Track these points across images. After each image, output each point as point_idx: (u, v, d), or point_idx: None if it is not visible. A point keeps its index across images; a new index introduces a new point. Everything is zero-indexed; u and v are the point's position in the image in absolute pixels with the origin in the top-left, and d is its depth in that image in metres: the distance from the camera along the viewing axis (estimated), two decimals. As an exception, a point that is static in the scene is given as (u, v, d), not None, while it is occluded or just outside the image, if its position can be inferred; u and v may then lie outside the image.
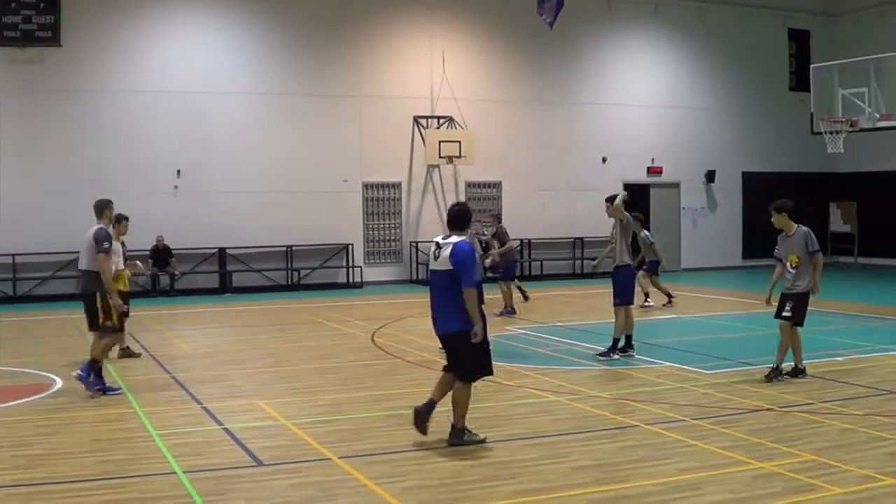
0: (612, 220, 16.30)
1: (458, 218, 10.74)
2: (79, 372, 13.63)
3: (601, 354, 16.21)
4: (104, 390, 13.49)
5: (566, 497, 8.59)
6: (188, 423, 11.73)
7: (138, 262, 17.73)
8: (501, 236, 22.73)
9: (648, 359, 16.04)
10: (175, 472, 9.44)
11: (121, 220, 16.42)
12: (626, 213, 16.23)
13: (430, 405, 10.58)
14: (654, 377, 14.47)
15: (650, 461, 9.66)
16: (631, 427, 11.22)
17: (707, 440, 10.49)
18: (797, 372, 14.11)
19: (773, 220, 14.07)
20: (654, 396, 12.96)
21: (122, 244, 16.63)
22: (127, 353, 16.65)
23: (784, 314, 13.96)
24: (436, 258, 10.54)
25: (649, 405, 12.35)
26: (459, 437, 10.53)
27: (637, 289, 18.73)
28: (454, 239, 10.48)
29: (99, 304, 13.76)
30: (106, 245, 13.71)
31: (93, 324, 13.96)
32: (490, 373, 10.76)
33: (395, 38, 32.07)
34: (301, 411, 12.35)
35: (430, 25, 32.36)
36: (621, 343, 16.27)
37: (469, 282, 10.15)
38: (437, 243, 10.64)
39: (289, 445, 10.58)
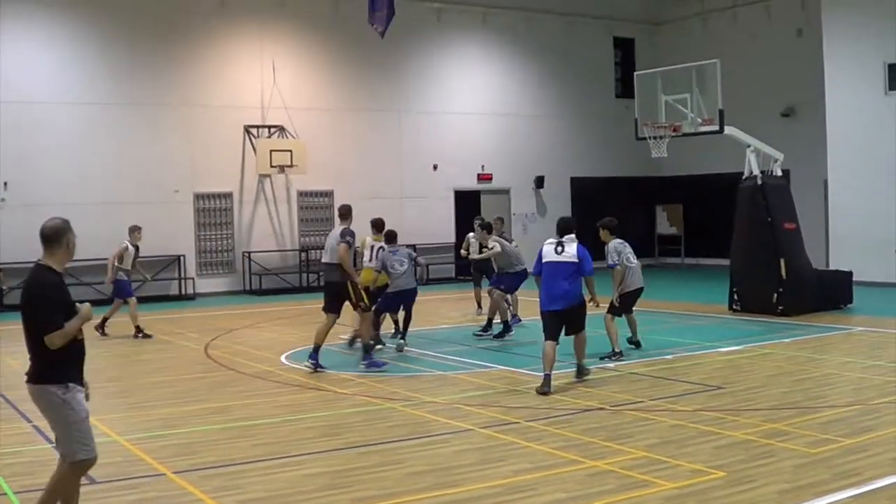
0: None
1: (569, 226, 14.25)
2: (362, 365, 15.82)
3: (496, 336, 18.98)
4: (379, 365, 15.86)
5: (403, 503, 8.59)
6: (18, 441, 11.38)
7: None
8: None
9: (481, 363, 16.17)
10: (6, 494, 9.19)
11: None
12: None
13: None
14: (486, 381, 14.58)
15: (485, 464, 9.72)
16: (465, 431, 11.28)
17: (541, 441, 10.61)
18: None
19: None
20: (488, 400, 13.07)
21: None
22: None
23: None
24: (558, 253, 13.89)
25: (483, 409, 12.44)
26: (584, 373, 14.36)
27: None
28: (572, 239, 14.02)
29: (351, 291, 16.00)
30: (348, 238, 16.07)
31: (332, 308, 16.27)
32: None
33: (225, 47, 31.71)
34: (134, 427, 12.10)
35: (260, 34, 32.09)
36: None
37: (592, 270, 14.08)
38: (560, 242, 13.97)
39: (122, 462, 10.33)
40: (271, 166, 30.38)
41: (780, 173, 22.77)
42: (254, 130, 31.69)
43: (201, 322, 23.96)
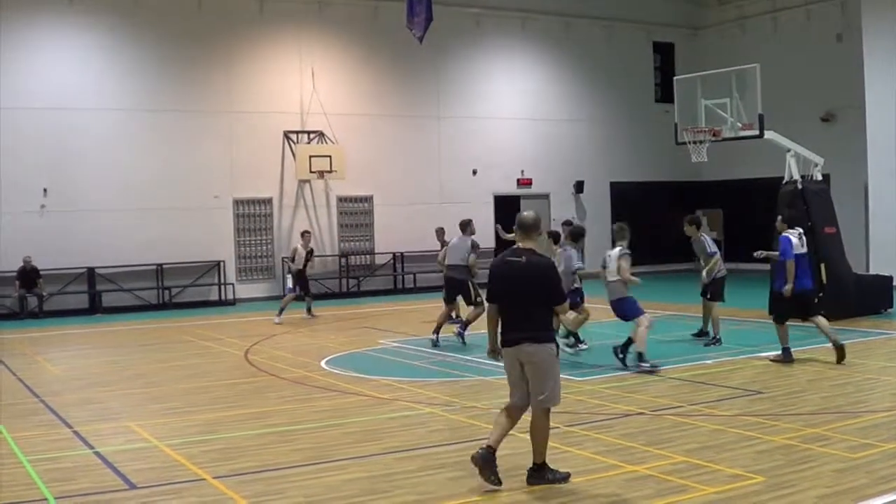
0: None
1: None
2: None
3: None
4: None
5: (443, 507, 8.61)
6: (58, 447, 11.48)
7: None
8: None
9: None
10: (46, 499, 9.24)
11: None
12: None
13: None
14: (527, 386, 14.56)
15: (525, 469, 9.72)
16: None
17: (581, 446, 10.61)
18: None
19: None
20: (529, 405, 13.06)
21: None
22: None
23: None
24: (802, 245, 16.08)
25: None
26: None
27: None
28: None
29: (470, 288, 19.43)
30: (477, 251, 19.77)
31: (451, 300, 20.33)
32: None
33: (265, 54, 31.89)
34: (174, 432, 12.19)
35: (299, 40, 32.25)
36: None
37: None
38: (801, 234, 16.21)
39: (162, 467, 10.42)
40: (311, 172, 30.47)
41: (820, 178, 22.66)
42: (293, 136, 31.81)
43: (241, 327, 24.08)
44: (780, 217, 16.69)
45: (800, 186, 21.82)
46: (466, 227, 20.14)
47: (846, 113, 32.52)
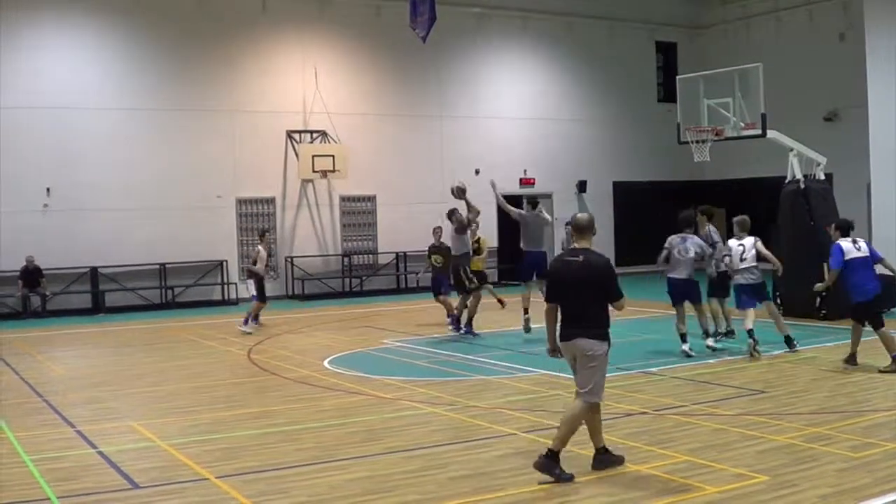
0: None
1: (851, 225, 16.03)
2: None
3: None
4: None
5: (445, 507, 8.60)
6: (61, 447, 11.49)
7: None
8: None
9: (524, 367, 16.16)
10: (49, 499, 9.24)
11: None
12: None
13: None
14: (529, 385, 14.58)
15: (528, 469, 9.68)
16: (508, 435, 11.30)
17: (583, 445, 10.57)
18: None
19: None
20: (531, 404, 13.07)
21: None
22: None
23: None
24: (858, 249, 15.36)
25: (526, 413, 12.45)
26: None
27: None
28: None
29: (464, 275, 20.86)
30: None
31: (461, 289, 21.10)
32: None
33: (267, 53, 31.87)
34: (177, 431, 12.19)
35: (301, 40, 32.25)
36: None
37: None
38: (855, 240, 15.56)
39: (165, 466, 10.42)
40: (313, 171, 30.48)
41: (822, 177, 22.65)
42: (296, 135, 31.80)
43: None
44: (833, 224, 16.58)
45: (802, 186, 21.82)
46: (450, 216, 22.19)
47: (849, 112, 32.47)
